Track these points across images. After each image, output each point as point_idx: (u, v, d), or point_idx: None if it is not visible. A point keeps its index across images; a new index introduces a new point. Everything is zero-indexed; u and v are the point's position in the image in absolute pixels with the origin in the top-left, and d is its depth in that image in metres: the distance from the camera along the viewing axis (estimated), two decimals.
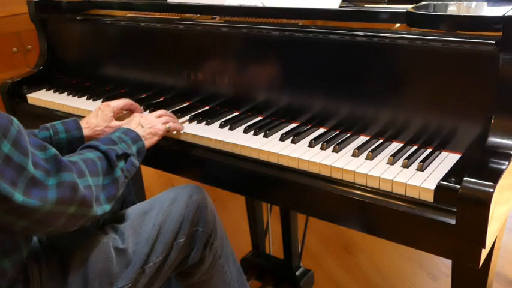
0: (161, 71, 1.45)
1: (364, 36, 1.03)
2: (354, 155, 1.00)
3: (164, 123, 1.17)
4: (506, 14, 0.86)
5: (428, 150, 0.99)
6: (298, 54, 1.16)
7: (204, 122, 1.23)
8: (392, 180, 0.90)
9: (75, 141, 1.15)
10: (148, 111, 1.33)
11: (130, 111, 1.31)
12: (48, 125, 1.14)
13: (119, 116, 1.27)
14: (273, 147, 1.07)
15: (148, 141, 1.12)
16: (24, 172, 0.77)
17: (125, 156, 1.01)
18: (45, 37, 1.71)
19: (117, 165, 0.97)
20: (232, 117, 1.25)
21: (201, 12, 1.34)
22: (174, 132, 1.21)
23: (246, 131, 1.16)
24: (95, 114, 1.23)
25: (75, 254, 0.97)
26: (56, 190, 0.81)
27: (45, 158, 0.82)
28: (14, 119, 0.78)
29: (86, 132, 1.18)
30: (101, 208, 0.92)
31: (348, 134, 1.09)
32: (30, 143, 0.81)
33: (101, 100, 1.46)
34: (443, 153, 0.98)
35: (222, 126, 1.20)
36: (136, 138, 1.08)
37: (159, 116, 1.19)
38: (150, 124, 1.14)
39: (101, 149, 0.97)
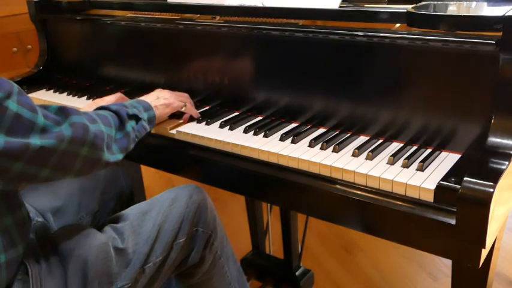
0: (161, 71, 1.45)
1: (364, 36, 1.03)
2: (354, 155, 1.00)
3: (182, 101, 1.23)
4: (506, 14, 0.86)
5: (428, 150, 0.99)
6: (298, 54, 1.16)
7: (204, 122, 1.23)
8: (392, 180, 0.90)
9: None
10: None
11: None
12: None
13: None
14: (273, 147, 1.07)
15: (160, 111, 1.17)
16: (35, 126, 0.81)
17: (136, 118, 1.06)
18: (45, 37, 1.71)
19: (127, 121, 1.03)
20: (232, 117, 1.25)
21: (201, 12, 1.34)
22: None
23: (246, 131, 1.16)
24: (89, 107, 1.24)
25: (75, 254, 0.97)
26: (69, 129, 0.86)
27: (53, 112, 0.87)
28: (14, 83, 0.82)
29: None
30: (114, 156, 0.97)
31: (348, 134, 1.09)
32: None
33: (104, 98, 1.45)
34: (443, 153, 0.98)
35: (222, 126, 1.20)
36: (147, 107, 1.13)
37: (179, 96, 1.25)
38: (166, 96, 1.21)
39: (112, 108, 1.03)
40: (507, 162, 0.83)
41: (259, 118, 1.23)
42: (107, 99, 1.26)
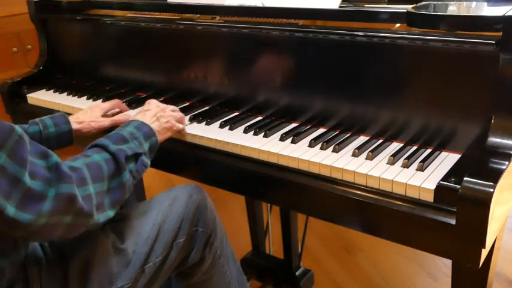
0: (161, 71, 1.44)
1: (364, 36, 1.03)
2: (354, 155, 1.00)
3: (178, 121, 1.16)
4: (506, 14, 0.86)
5: (428, 150, 0.99)
6: (298, 54, 1.16)
7: (204, 122, 1.23)
8: (392, 180, 0.90)
9: (64, 135, 1.17)
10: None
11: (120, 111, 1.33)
12: (37, 120, 1.16)
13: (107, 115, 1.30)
14: (273, 147, 1.07)
15: (162, 137, 1.09)
16: (20, 184, 0.74)
17: (136, 156, 0.97)
18: (45, 37, 1.71)
19: (125, 169, 0.93)
20: (232, 117, 1.25)
21: (201, 12, 1.34)
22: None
23: (246, 131, 1.16)
24: (84, 112, 1.26)
25: (75, 254, 0.97)
26: (52, 202, 0.77)
27: (47, 166, 0.79)
28: (16, 128, 0.76)
29: (73, 125, 1.20)
30: (104, 215, 0.89)
31: (348, 134, 1.09)
32: (31, 151, 0.78)
33: (101, 100, 1.46)
34: (443, 153, 0.98)
35: (222, 126, 1.20)
36: (149, 133, 1.04)
37: (173, 110, 1.18)
38: (166, 118, 1.12)
39: (110, 150, 0.93)
40: (507, 162, 0.83)
41: (259, 118, 1.23)
42: (102, 106, 1.28)
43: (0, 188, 0.72)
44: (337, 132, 1.11)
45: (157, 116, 1.11)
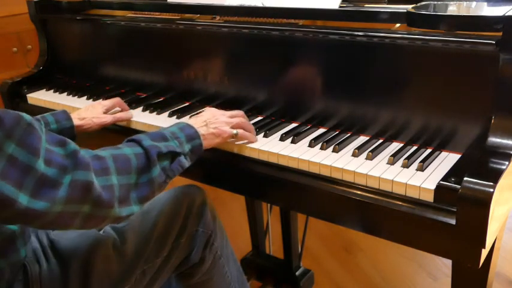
0: (161, 71, 1.44)
1: (364, 36, 1.03)
2: (354, 155, 1.00)
3: (234, 127, 1.08)
4: (506, 14, 0.86)
5: (428, 150, 0.99)
6: (298, 54, 1.16)
7: None
8: (392, 180, 0.90)
9: (65, 131, 1.17)
10: (148, 111, 1.33)
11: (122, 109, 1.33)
12: (38, 116, 1.16)
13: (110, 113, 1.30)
14: (273, 147, 1.07)
15: (208, 142, 1.04)
16: (32, 171, 0.72)
17: (172, 154, 0.94)
18: (45, 37, 1.71)
19: (156, 164, 0.89)
20: None
21: (201, 12, 1.34)
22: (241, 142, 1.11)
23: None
24: (86, 109, 1.26)
25: (75, 255, 0.97)
26: (67, 189, 0.76)
27: (65, 154, 0.78)
28: (24, 116, 0.74)
29: (75, 122, 1.20)
30: (129, 209, 0.86)
31: (348, 134, 1.09)
32: (47, 139, 0.77)
33: (101, 100, 1.46)
34: (443, 153, 0.98)
35: None
36: (192, 136, 1.00)
37: (232, 117, 1.11)
38: (215, 124, 1.06)
39: (144, 144, 0.90)
40: (507, 162, 0.83)
41: (259, 118, 1.23)
42: (104, 103, 1.28)
43: (12, 178, 0.71)
44: (337, 132, 1.11)
45: (208, 121, 1.06)
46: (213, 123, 1.06)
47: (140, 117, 1.31)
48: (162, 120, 1.27)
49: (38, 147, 0.74)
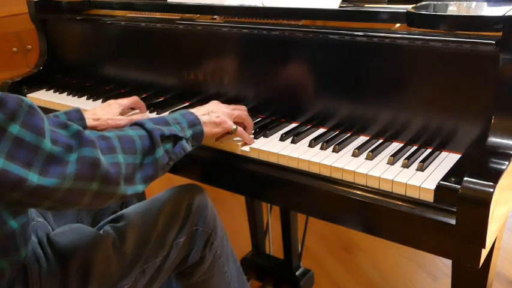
0: (161, 71, 1.44)
1: (364, 36, 1.03)
2: (354, 155, 1.00)
3: (235, 119, 1.10)
4: (506, 14, 0.86)
5: (428, 150, 0.99)
6: (298, 54, 1.16)
7: None
8: (392, 180, 0.90)
9: None
10: (148, 111, 1.33)
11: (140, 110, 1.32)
12: (51, 115, 1.14)
13: (126, 113, 1.28)
14: (273, 147, 1.07)
15: (209, 129, 1.05)
16: (40, 151, 0.74)
17: (175, 138, 0.96)
18: (45, 37, 1.71)
19: (159, 146, 0.92)
20: None
21: (201, 12, 1.34)
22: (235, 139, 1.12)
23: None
24: (102, 108, 1.23)
25: (75, 254, 0.97)
26: (75, 165, 0.77)
27: (69, 134, 0.80)
28: (25, 99, 0.76)
29: (89, 122, 1.17)
30: (133, 188, 0.88)
31: (348, 134, 1.09)
32: (50, 123, 0.79)
33: (101, 100, 1.46)
34: (443, 153, 0.98)
35: None
36: (194, 122, 1.02)
37: (235, 110, 1.12)
38: (217, 114, 1.08)
39: (147, 127, 0.93)
40: (507, 162, 0.83)
41: (259, 118, 1.23)
42: (121, 102, 1.25)
43: (20, 159, 0.73)
44: (337, 132, 1.11)
45: (210, 111, 1.09)
46: (215, 112, 1.08)
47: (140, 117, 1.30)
48: None
49: (42, 127, 0.76)
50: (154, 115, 1.30)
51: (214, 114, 1.07)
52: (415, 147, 1.01)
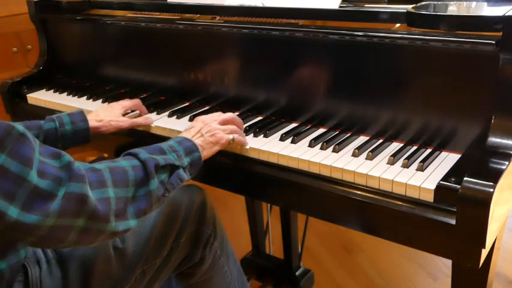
0: (161, 71, 1.44)
1: (364, 36, 1.03)
2: (354, 155, 1.00)
3: (230, 133, 1.06)
4: (506, 14, 0.86)
5: (428, 150, 0.99)
6: (298, 54, 1.16)
7: None
8: (393, 180, 0.90)
9: (80, 133, 1.16)
10: (148, 111, 1.33)
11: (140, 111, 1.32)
12: (54, 116, 1.14)
13: (127, 114, 1.29)
14: (273, 147, 1.07)
15: (207, 152, 1.02)
16: (25, 183, 0.70)
17: (171, 168, 0.91)
18: (45, 37, 1.71)
19: (154, 177, 0.87)
20: None
21: (201, 12, 1.34)
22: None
23: (246, 131, 1.15)
24: (105, 109, 1.25)
25: (75, 254, 0.97)
26: (60, 202, 0.73)
27: (60, 166, 0.76)
28: (17, 126, 0.72)
29: (92, 123, 1.17)
30: (125, 223, 0.83)
31: (348, 134, 1.09)
32: (42, 152, 0.75)
33: (100, 100, 1.46)
34: (443, 153, 0.98)
35: None
36: (191, 148, 0.98)
37: (224, 122, 1.08)
38: (211, 132, 1.04)
39: (141, 157, 0.88)
40: (507, 162, 0.83)
41: (259, 118, 1.23)
42: (123, 104, 1.26)
43: (2, 190, 0.69)
44: (337, 132, 1.11)
45: (202, 131, 1.04)
46: (207, 131, 1.04)
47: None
48: (163, 120, 1.27)
49: (30, 157, 0.72)
50: (154, 115, 1.30)
51: (207, 134, 1.03)
52: (415, 147, 1.01)
